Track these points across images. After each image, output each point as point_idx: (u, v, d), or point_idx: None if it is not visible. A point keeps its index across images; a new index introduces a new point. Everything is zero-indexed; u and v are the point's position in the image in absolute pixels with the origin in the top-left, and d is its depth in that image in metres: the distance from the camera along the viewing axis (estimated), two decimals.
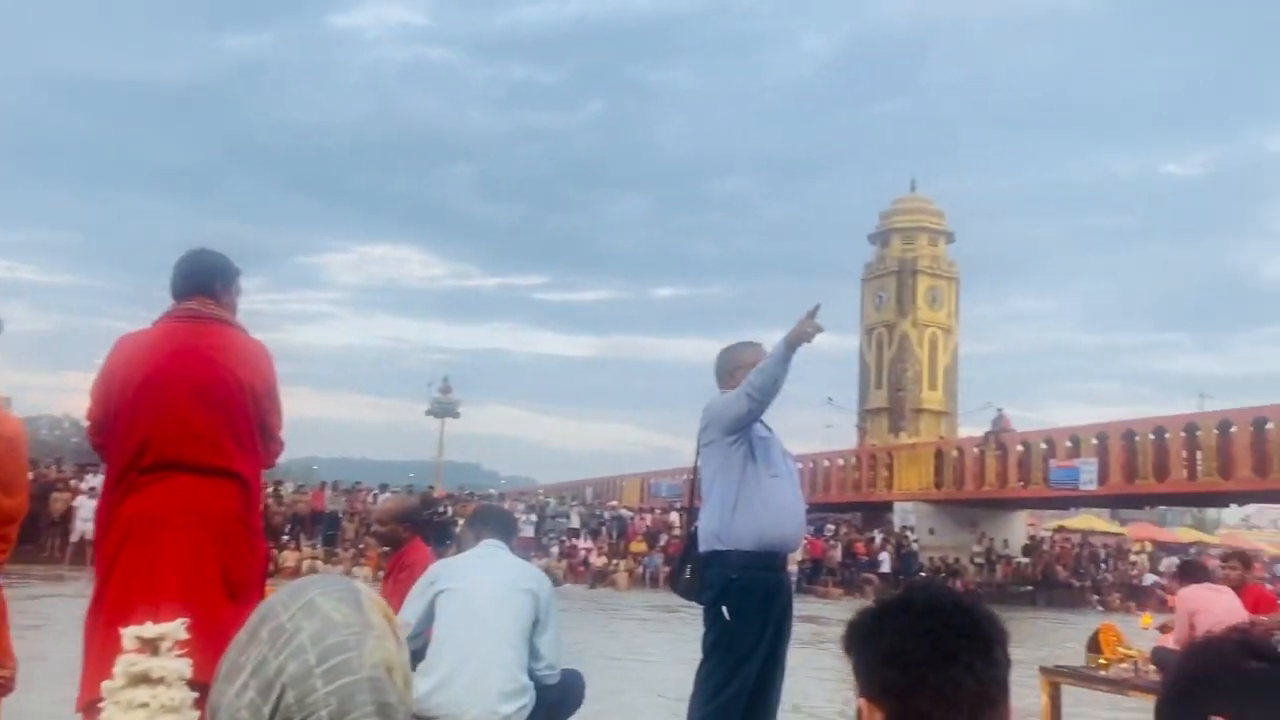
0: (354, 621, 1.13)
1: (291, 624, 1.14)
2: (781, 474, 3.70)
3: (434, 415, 36.66)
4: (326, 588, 1.18)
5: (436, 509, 23.37)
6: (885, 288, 44.55)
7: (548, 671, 3.56)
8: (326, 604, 1.15)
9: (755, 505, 3.61)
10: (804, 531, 3.87)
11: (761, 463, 3.66)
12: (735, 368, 3.83)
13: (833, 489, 35.08)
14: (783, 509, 3.65)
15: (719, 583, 3.61)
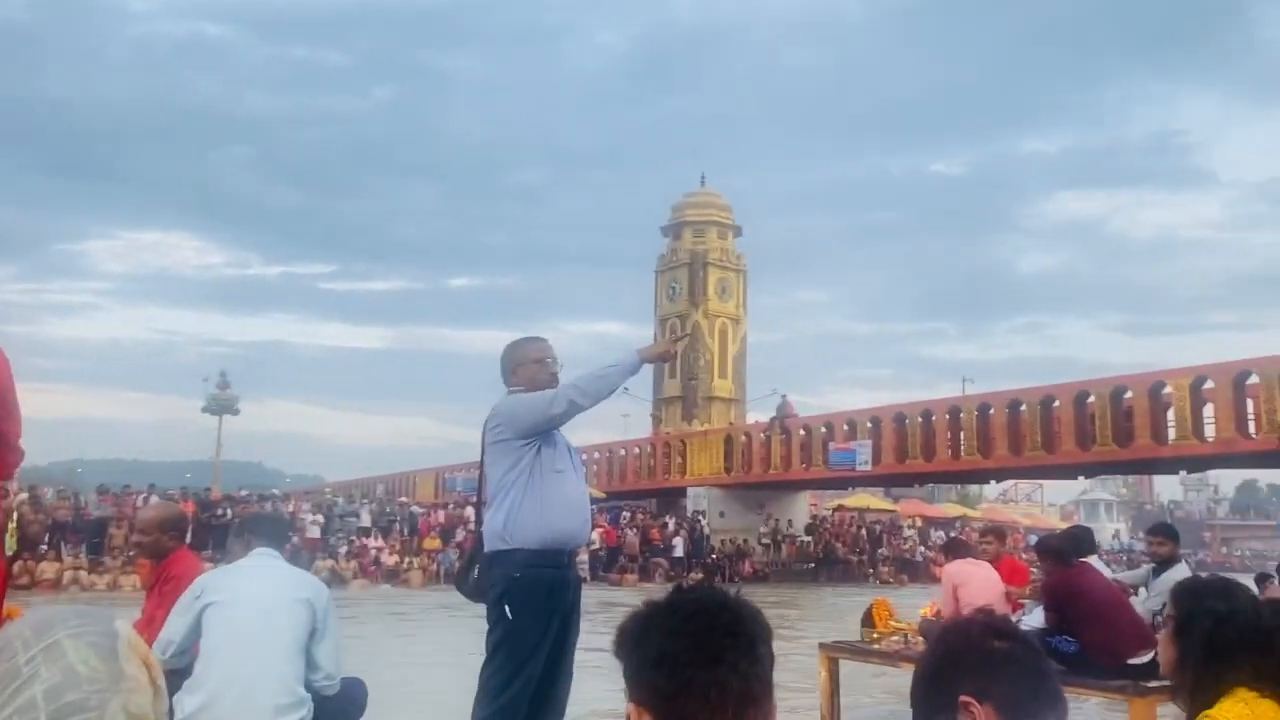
0: (101, 675, 1.00)
1: (29, 668, 0.99)
2: (567, 469, 3.67)
3: (211, 412, 34.73)
4: (79, 628, 1.03)
5: (215, 512, 22.16)
6: (678, 279, 45.64)
7: (326, 682, 3.40)
8: (74, 651, 1.01)
9: (541, 504, 3.56)
10: (590, 524, 3.85)
11: (548, 460, 3.62)
12: (520, 364, 3.77)
13: (629, 477, 35.66)
14: (568, 505, 3.63)
15: (502, 582, 3.54)
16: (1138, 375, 22.36)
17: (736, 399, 45.44)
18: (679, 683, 1.18)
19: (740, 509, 31.69)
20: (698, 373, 44.39)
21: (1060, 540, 6.10)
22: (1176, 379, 21.08)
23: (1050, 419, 23.56)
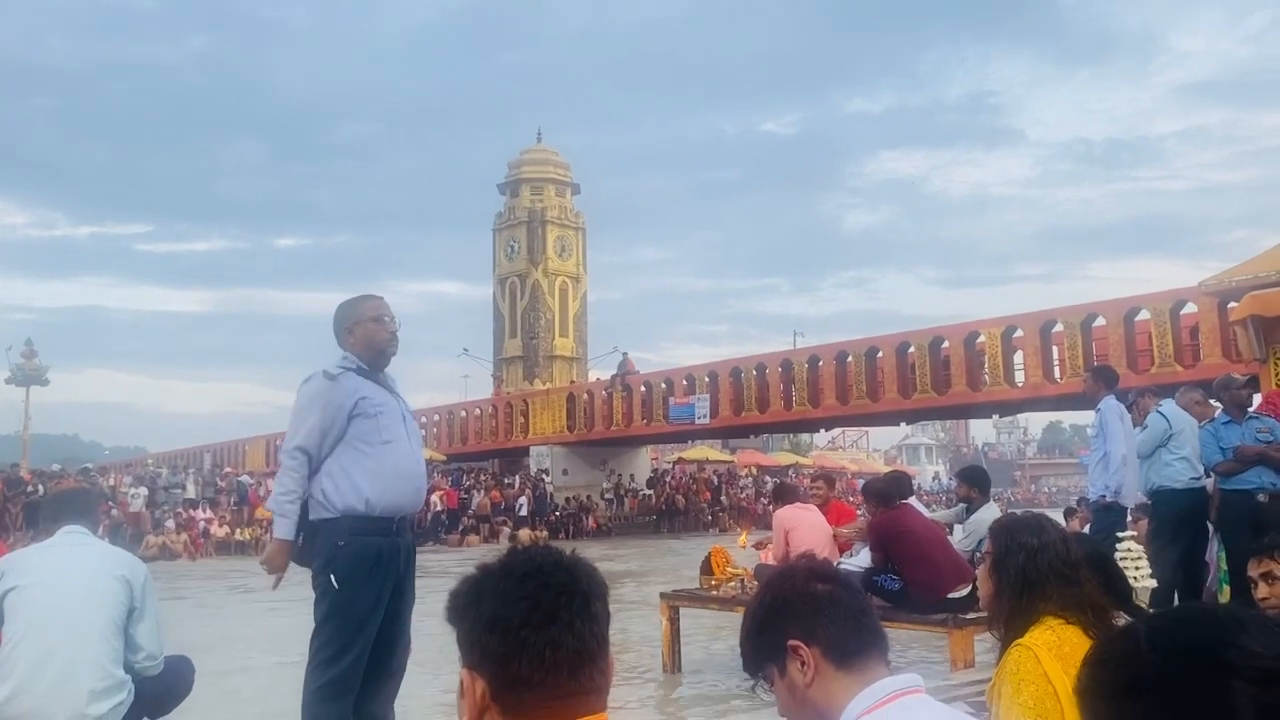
0: None
1: None
2: (395, 439, 3.58)
3: (16, 384, 32.31)
4: None
5: (24, 489, 20.76)
6: (516, 238, 45.16)
7: (149, 662, 3.25)
8: None
9: (365, 472, 3.48)
10: (424, 491, 3.78)
11: (370, 431, 3.53)
12: (356, 323, 3.65)
13: (470, 438, 35.33)
14: (396, 473, 3.55)
15: (326, 551, 3.44)
16: (954, 326, 23.59)
17: (578, 357, 45.53)
18: (513, 644, 1.17)
19: (583, 466, 31.93)
20: (539, 332, 44.22)
21: (883, 483, 6.39)
22: (989, 328, 22.35)
23: (875, 369, 24.63)
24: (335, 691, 3.39)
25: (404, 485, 3.58)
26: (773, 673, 1.52)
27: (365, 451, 3.50)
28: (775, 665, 1.51)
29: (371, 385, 3.60)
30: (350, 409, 3.51)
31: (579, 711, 1.17)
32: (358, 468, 3.48)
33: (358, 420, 3.52)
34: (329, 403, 3.50)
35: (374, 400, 3.57)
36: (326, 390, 3.52)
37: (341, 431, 3.50)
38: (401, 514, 3.60)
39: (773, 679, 1.52)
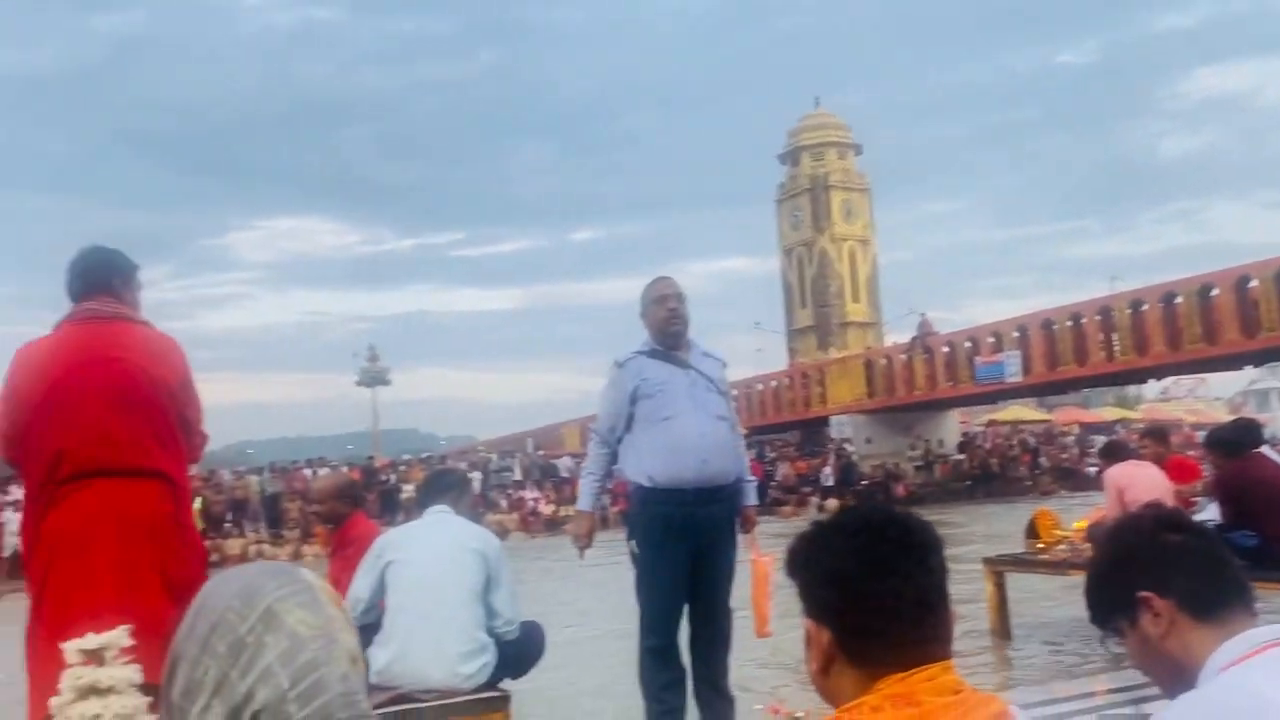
0: (318, 631, 1.07)
1: (253, 638, 1.05)
2: (675, 414, 3.75)
3: (364, 385, 36.18)
4: (281, 591, 1.08)
5: (379, 478, 23.21)
6: (800, 206, 44.86)
7: (506, 628, 3.58)
8: (289, 615, 1.07)
9: (645, 449, 3.77)
10: (714, 462, 3.80)
11: (653, 410, 3.77)
12: (646, 306, 3.97)
13: (769, 411, 35.57)
14: (673, 449, 3.73)
15: (629, 521, 3.82)
16: None
17: (873, 322, 44.60)
18: (852, 597, 1.21)
19: (887, 433, 31.25)
20: (829, 299, 43.72)
21: (1229, 431, 5.82)
22: None
23: (1209, 309, 22.30)
24: (657, 654, 3.71)
25: (684, 459, 3.73)
26: (1122, 625, 1.46)
27: (647, 429, 3.78)
28: (1125, 618, 1.46)
29: (657, 365, 3.82)
30: (632, 391, 3.81)
31: (924, 659, 1.20)
32: (641, 445, 3.79)
33: (641, 401, 3.80)
34: (616, 388, 3.87)
35: (655, 380, 3.80)
36: (614, 377, 3.89)
37: (629, 413, 3.81)
38: (691, 484, 3.73)
39: (1123, 631, 1.47)
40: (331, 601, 1.12)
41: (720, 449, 3.83)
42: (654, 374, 3.81)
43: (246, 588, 1.12)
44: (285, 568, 1.17)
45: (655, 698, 3.69)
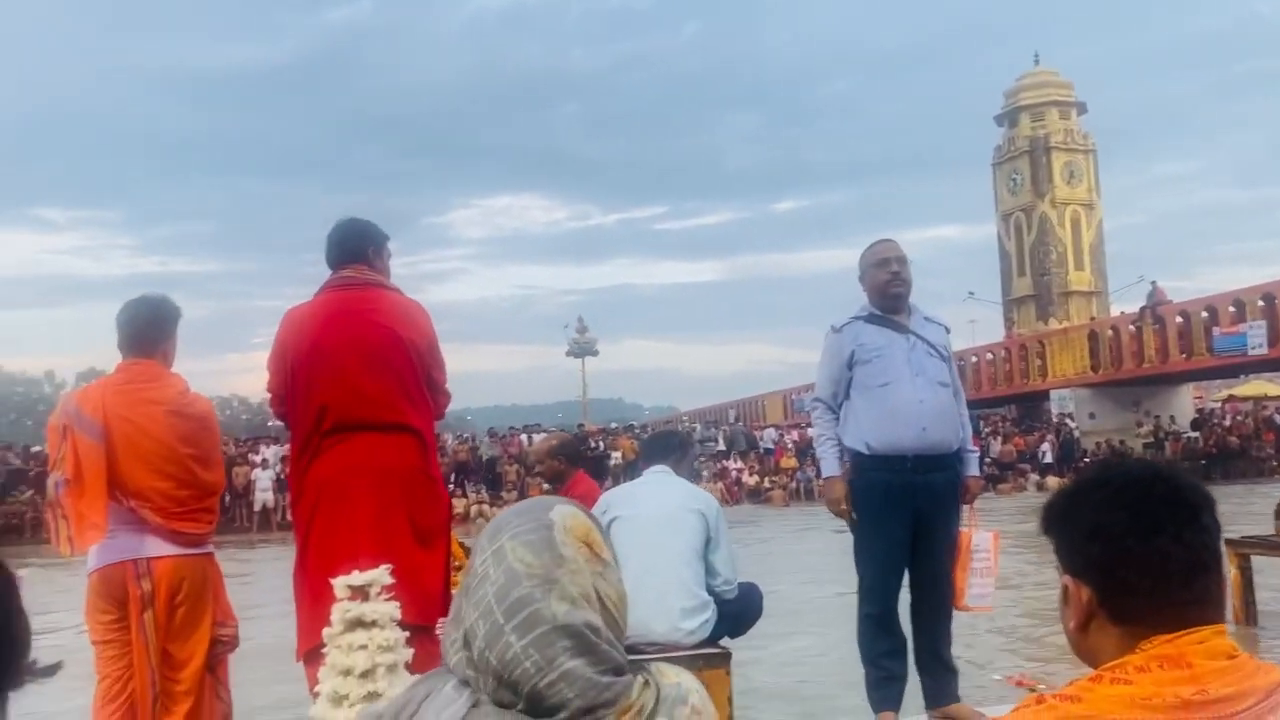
0: (538, 569, 1.13)
1: (481, 569, 1.16)
2: (893, 380, 3.68)
3: (574, 355, 37.27)
4: (518, 529, 1.17)
5: (589, 445, 23.92)
6: (1018, 170, 42.68)
7: (725, 587, 3.64)
8: (513, 551, 1.15)
9: (862, 415, 3.72)
10: (935, 430, 3.70)
11: (870, 376, 3.72)
12: (865, 269, 3.90)
13: (984, 385, 34.20)
14: (890, 415, 3.66)
15: (849, 488, 3.76)
16: None
17: (1097, 291, 42.02)
18: (1117, 553, 1.17)
19: (1112, 408, 29.44)
20: (1050, 267, 41.47)
21: None
22: None
23: None
24: (876, 621, 3.68)
25: (902, 426, 3.65)
26: None
27: (865, 395, 3.72)
28: None
29: (875, 329, 3.75)
30: (849, 357, 3.75)
31: (1193, 621, 1.15)
32: (859, 411, 3.73)
33: (858, 366, 3.74)
34: (832, 354, 3.82)
35: (872, 345, 3.73)
36: (831, 342, 3.84)
37: (847, 378, 3.77)
38: (912, 453, 3.66)
39: None
40: (574, 540, 1.18)
41: (941, 416, 3.73)
42: (871, 339, 3.75)
43: (498, 524, 1.22)
44: (543, 506, 1.23)
45: (875, 664, 3.68)
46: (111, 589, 3.22)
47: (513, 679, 1.09)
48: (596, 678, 1.11)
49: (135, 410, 3.25)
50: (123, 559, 3.21)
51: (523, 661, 1.09)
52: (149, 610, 3.21)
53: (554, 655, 1.09)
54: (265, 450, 22.49)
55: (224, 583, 3.50)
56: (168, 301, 3.48)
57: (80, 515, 3.15)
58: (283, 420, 3.48)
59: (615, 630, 1.17)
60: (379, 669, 2.29)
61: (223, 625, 3.40)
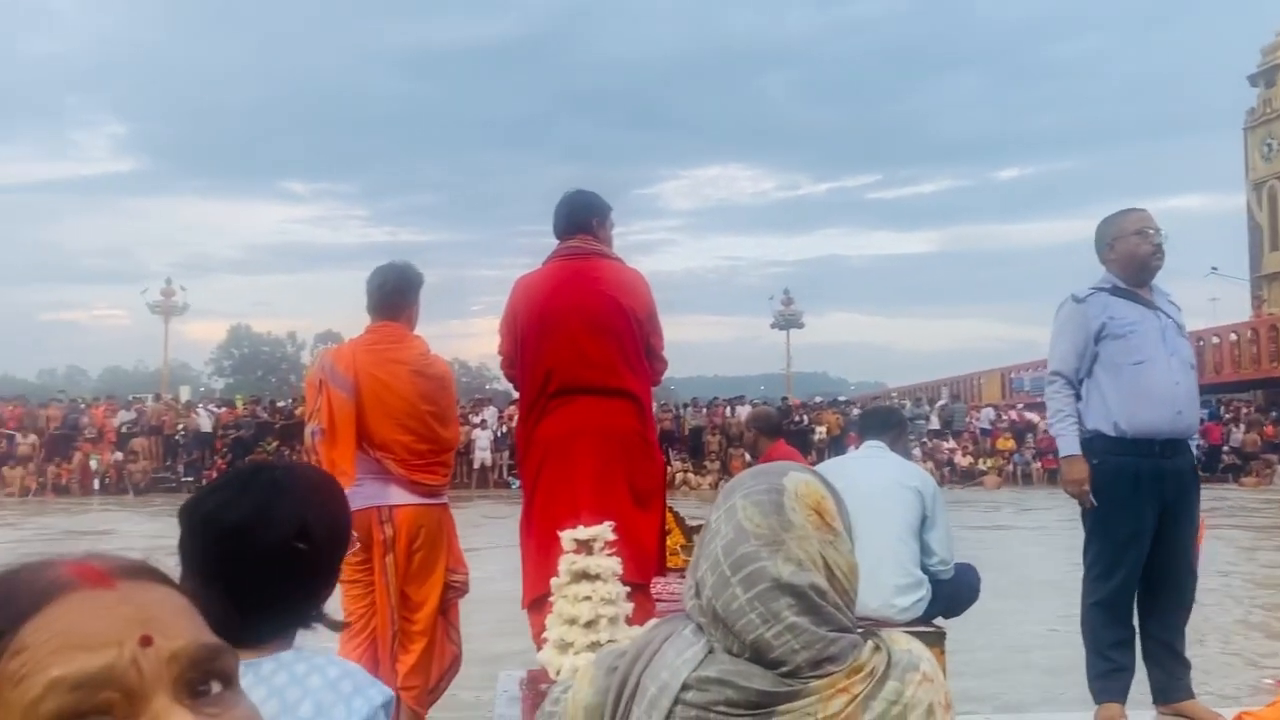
0: (764, 530, 1.17)
1: (715, 524, 1.22)
2: (1148, 359, 3.44)
3: (779, 327, 37.06)
4: (751, 489, 1.21)
5: (792, 419, 23.79)
6: (1274, 134, 38.92)
7: (941, 567, 3.58)
8: (743, 510, 1.19)
9: (1110, 395, 3.47)
10: (1188, 415, 3.51)
11: (1119, 353, 3.47)
12: (1117, 237, 3.59)
13: (1226, 368, 31.58)
14: (1145, 396, 3.42)
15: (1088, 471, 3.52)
16: None
17: None
18: None
19: None
20: None
21: None
22: None
23: None
24: (1106, 610, 3.49)
25: (1158, 408, 3.43)
26: None
27: (1113, 373, 3.48)
28: None
29: (1125, 304, 3.52)
30: (1097, 330, 3.50)
31: None
32: (1107, 390, 3.49)
33: (1106, 341, 3.50)
34: (1076, 326, 3.55)
35: (1124, 320, 3.50)
36: (1074, 313, 3.57)
37: (1092, 353, 3.52)
38: (1157, 436, 3.44)
39: None
40: (805, 508, 1.21)
41: (1192, 399, 3.55)
42: (1123, 313, 3.52)
43: (734, 483, 1.27)
44: (779, 471, 1.26)
45: (1102, 654, 3.50)
46: (358, 533, 3.51)
47: (737, 629, 1.14)
48: (823, 633, 1.14)
49: (382, 369, 3.52)
50: (368, 505, 3.49)
51: (748, 613, 1.14)
52: (390, 554, 3.47)
53: (778, 610, 1.13)
54: (484, 412, 23.66)
55: (456, 532, 3.74)
56: (412, 268, 3.72)
57: (332, 463, 3.44)
58: (512, 382, 3.67)
59: (844, 599, 1.19)
60: (602, 620, 2.40)
61: (455, 571, 3.65)
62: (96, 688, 0.51)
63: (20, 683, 0.51)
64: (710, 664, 1.16)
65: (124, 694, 0.52)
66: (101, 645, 0.52)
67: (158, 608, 0.55)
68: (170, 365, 34.42)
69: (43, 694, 0.50)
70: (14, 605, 0.53)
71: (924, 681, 1.18)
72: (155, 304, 31.77)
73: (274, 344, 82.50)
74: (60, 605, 0.53)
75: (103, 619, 0.53)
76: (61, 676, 0.50)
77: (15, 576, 0.55)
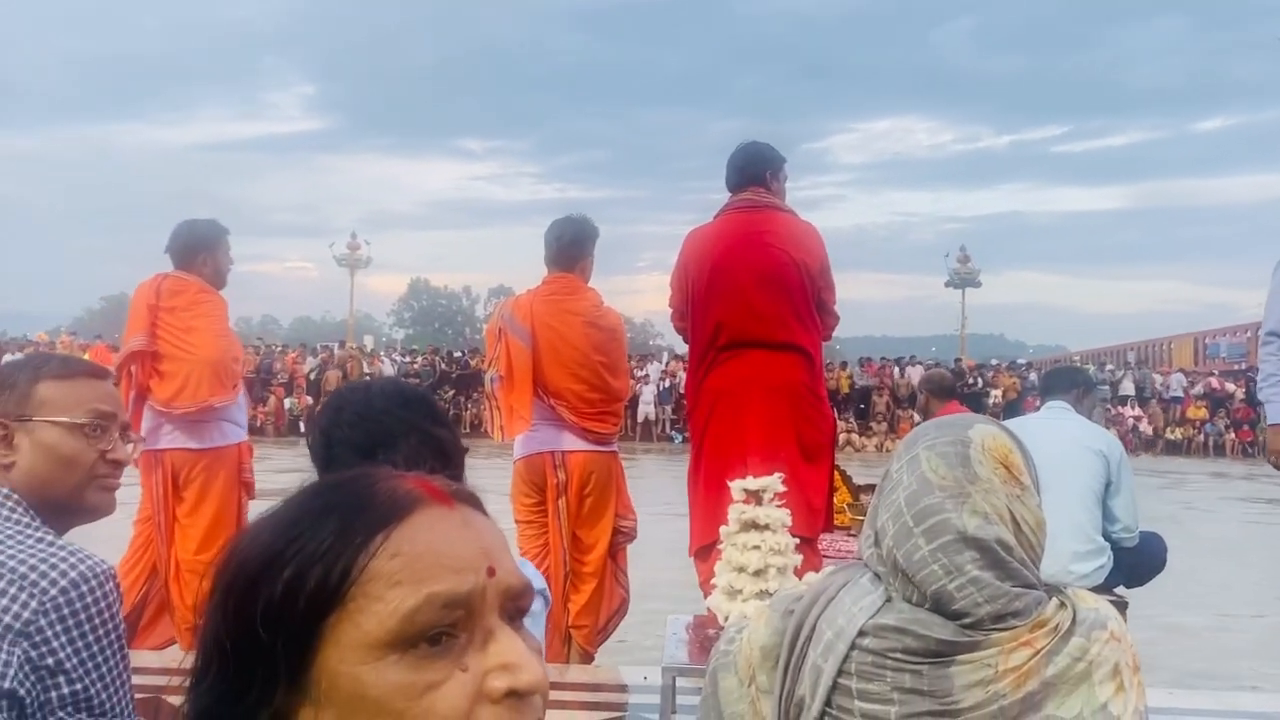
0: (949, 482, 1.15)
1: (896, 474, 1.20)
2: None
3: (953, 286, 35.74)
4: (934, 440, 1.19)
5: (966, 381, 23.05)
6: None
7: (1125, 534, 3.43)
8: (928, 461, 1.17)
9: None
10: None
11: None
12: None
13: None
14: None
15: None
16: None
17: None
18: None
19: None
20: None
21: None
22: None
23: None
24: None
25: None
26: None
27: None
28: None
29: None
30: None
31: None
32: None
33: None
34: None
35: None
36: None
37: None
38: None
39: None
40: (992, 461, 1.17)
41: None
42: None
43: (916, 434, 1.24)
44: (964, 423, 1.23)
45: None
46: (533, 476, 3.64)
47: (919, 579, 1.13)
48: (1008, 588, 1.12)
49: (558, 319, 3.61)
50: (543, 450, 3.61)
51: (930, 564, 1.13)
52: (563, 497, 3.59)
53: (961, 564, 1.12)
54: (648, 366, 23.93)
55: (625, 479, 3.83)
56: (589, 222, 3.80)
57: (510, 408, 3.58)
58: (682, 335, 3.70)
59: (1030, 554, 1.16)
60: (770, 569, 2.42)
61: (624, 517, 3.74)
62: (456, 607, 0.57)
63: (396, 585, 0.56)
64: (888, 612, 1.16)
65: (468, 614, 0.58)
66: (465, 569, 0.58)
67: (492, 538, 0.61)
68: (355, 316, 36.22)
69: (419, 605, 0.56)
70: (377, 511, 0.58)
71: (1110, 640, 1.15)
72: (342, 257, 33.36)
73: (450, 297, 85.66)
74: (420, 518, 0.59)
75: (460, 543, 0.59)
76: (436, 593, 0.56)
77: (369, 483, 0.61)
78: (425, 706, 0.55)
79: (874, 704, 1.14)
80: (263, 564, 0.57)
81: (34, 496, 1.28)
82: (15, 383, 1.30)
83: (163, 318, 3.59)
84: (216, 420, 3.64)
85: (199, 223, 3.79)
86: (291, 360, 24.27)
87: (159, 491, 3.58)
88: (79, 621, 1.16)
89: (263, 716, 0.57)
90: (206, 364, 3.58)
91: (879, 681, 1.14)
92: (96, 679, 1.17)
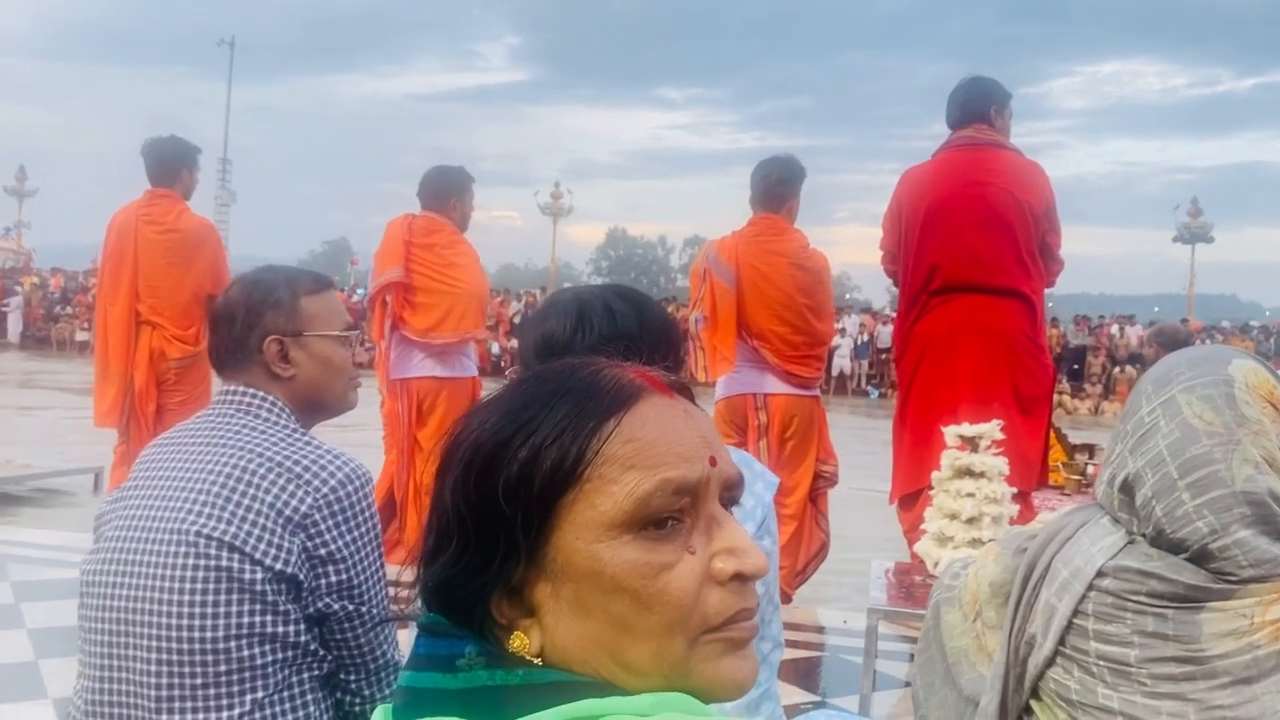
0: (1218, 428, 1.06)
1: (1150, 419, 1.10)
2: None
3: (1182, 242, 33.16)
4: (1192, 381, 1.10)
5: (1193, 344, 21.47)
6: None
7: None
8: (1189, 405, 1.08)
9: None
10: None
11: None
12: None
13: None
14: None
15: None
16: None
17: None
18: None
19: None
20: None
21: None
22: None
23: None
24: None
25: None
26: None
27: None
28: None
29: None
30: None
31: None
32: None
33: None
34: None
35: None
36: None
37: None
38: None
39: None
40: (1257, 400, 1.08)
41: None
42: None
43: (1165, 373, 1.13)
44: (1220, 359, 1.12)
45: None
46: (734, 416, 3.65)
47: (1178, 535, 1.06)
48: (1275, 553, 1.04)
49: (763, 260, 3.59)
50: (745, 392, 3.61)
51: (1194, 520, 1.05)
52: (764, 439, 3.59)
53: (1229, 521, 1.04)
54: (845, 319, 23.49)
55: (827, 424, 3.79)
56: (795, 162, 3.74)
57: (714, 349, 3.59)
58: (892, 278, 3.60)
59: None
60: (985, 518, 2.34)
61: (825, 462, 3.70)
62: (685, 493, 0.59)
63: (631, 469, 0.58)
64: (1130, 554, 1.09)
65: (694, 500, 0.59)
66: (693, 458, 0.60)
67: (710, 430, 0.63)
68: (556, 263, 37.22)
69: (654, 490, 0.58)
70: (605, 398, 0.60)
71: None
72: (545, 206, 34.29)
73: (646, 247, 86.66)
74: (646, 407, 0.60)
75: (686, 432, 0.61)
76: (669, 479, 0.58)
77: (594, 371, 0.63)
78: (660, 585, 0.57)
79: (1113, 645, 1.08)
80: (498, 444, 0.59)
81: (305, 403, 1.40)
82: (279, 300, 1.40)
83: (418, 254, 3.76)
84: (462, 353, 3.83)
85: (450, 169, 3.96)
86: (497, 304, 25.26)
87: (407, 417, 3.77)
88: (347, 517, 1.27)
89: (499, 591, 0.59)
90: (473, 298, 3.79)
91: (1118, 623, 1.08)
92: (360, 570, 1.28)
